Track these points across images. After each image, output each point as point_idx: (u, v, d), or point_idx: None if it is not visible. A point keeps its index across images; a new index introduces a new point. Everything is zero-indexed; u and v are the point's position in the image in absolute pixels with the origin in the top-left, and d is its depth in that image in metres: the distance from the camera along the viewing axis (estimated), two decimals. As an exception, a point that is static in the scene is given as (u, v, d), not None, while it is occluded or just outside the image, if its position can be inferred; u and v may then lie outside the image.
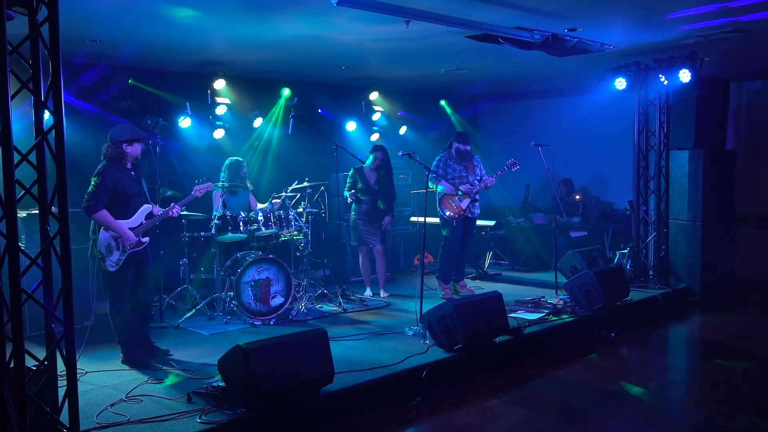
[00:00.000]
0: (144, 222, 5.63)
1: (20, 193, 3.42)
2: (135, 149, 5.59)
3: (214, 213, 7.44)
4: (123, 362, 5.68)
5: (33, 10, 3.44)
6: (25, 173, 3.42)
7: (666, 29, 6.78)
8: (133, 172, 5.63)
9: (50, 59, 3.44)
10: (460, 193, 7.87)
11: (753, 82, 9.97)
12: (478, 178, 8.05)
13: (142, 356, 5.69)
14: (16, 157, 3.37)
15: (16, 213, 3.31)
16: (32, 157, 3.48)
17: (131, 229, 5.51)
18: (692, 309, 8.63)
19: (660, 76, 8.44)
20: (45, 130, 3.48)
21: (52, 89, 3.46)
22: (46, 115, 3.51)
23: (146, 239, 5.64)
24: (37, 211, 3.56)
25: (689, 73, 8.07)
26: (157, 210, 5.85)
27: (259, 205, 7.90)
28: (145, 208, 5.68)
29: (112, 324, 5.67)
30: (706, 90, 8.67)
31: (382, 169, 8.26)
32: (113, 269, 5.49)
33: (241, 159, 7.96)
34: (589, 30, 6.67)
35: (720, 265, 9.04)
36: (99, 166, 5.46)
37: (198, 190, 6.22)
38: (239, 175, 7.85)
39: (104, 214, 5.33)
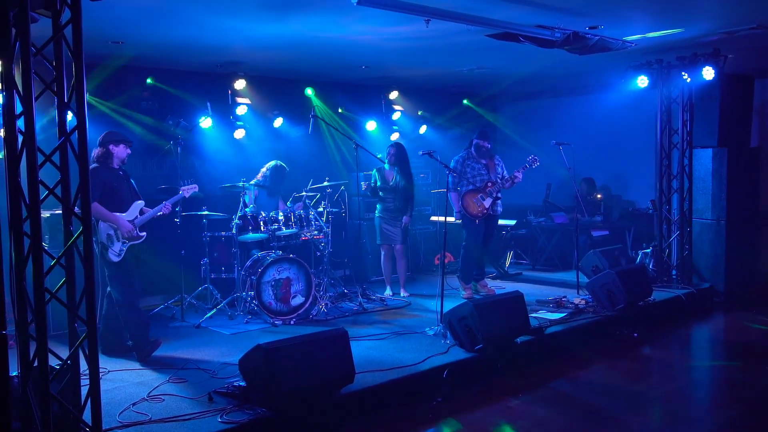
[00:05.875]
0: (138, 216, 5.88)
1: (44, 193, 3.45)
2: (121, 150, 5.89)
3: (243, 212, 7.43)
4: (139, 360, 5.75)
5: (56, 12, 3.46)
6: (48, 174, 3.44)
7: (688, 26, 6.69)
8: (121, 172, 5.93)
9: (73, 60, 3.46)
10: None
11: (778, 79, 9.82)
12: (499, 177, 8.00)
13: (152, 343, 5.86)
14: (40, 158, 3.40)
15: (40, 213, 3.34)
16: (55, 158, 3.50)
17: (128, 222, 5.76)
18: (716, 309, 8.53)
19: (683, 73, 8.33)
20: (68, 130, 3.50)
21: (75, 90, 3.47)
22: (69, 115, 3.54)
23: (144, 234, 5.87)
24: (60, 212, 3.59)
25: (712, 71, 7.98)
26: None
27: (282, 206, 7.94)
28: (138, 203, 5.93)
29: (126, 318, 5.77)
30: (729, 87, 8.54)
31: (397, 165, 8.26)
32: (117, 259, 5.72)
33: (286, 166, 8.07)
34: (610, 27, 6.61)
35: (744, 264, 8.91)
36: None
37: (185, 191, 6.48)
38: (281, 180, 7.97)
39: (96, 206, 5.54)
